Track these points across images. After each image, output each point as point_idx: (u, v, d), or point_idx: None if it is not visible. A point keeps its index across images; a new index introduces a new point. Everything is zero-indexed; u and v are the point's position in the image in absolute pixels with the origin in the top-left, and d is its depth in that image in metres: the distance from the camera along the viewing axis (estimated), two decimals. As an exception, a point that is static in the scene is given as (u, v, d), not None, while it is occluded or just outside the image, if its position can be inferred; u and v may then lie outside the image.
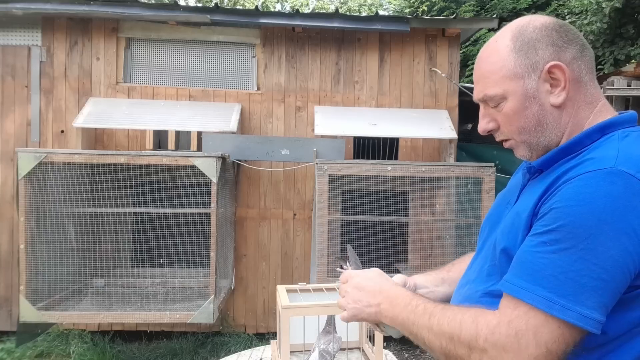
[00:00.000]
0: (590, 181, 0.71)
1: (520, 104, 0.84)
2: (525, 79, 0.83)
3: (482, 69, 0.89)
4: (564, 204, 0.72)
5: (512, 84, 0.84)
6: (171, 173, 3.63)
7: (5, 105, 3.82)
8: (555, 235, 0.71)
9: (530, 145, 0.87)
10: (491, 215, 1.01)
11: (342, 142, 3.50)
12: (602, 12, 5.40)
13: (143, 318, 3.05)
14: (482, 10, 7.92)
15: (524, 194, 0.89)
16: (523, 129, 0.86)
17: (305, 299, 1.63)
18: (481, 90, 0.89)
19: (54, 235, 3.13)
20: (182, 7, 3.76)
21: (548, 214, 0.74)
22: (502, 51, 0.85)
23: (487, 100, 0.88)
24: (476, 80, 0.91)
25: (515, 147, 0.90)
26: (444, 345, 0.79)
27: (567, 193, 0.73)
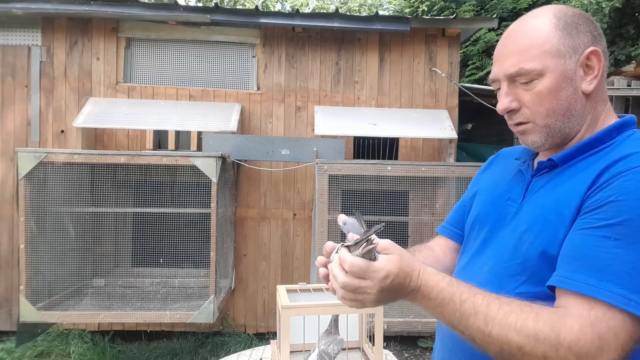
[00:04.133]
0: (636, 176, 0.70)
1: (557, 83, 0.81)
2: (566, 58, 0.81)
3: (519, 42, 0.83)
4: (626, 197, 0.69)
5: (553, 60, 0.81)
6: (171, 173, 3.63)
7: (5, 105, 3.82)
8: (621, 230, 0.68)
9: (551, 131, 0.84)
10: (488, 212, 0.95)
11: (342, 142, 3.50)
12: (602, 12, 5.40)
13: (143, 318, 3.05)
14: (482, 10, 7.91)
15: (543, 189, 0.85)
16: (553, 111, 0.82)
17: (305, 299, 1.63)
18: (516, 63, 0.82)
19: (54, 235, 3.13)
20: (182, 7, 3.76)
21: (604, 207, 0.71)
22: (545, 27, 0.82)
23: (522, 74, 0.82)
24: (507, 54, 0.84)
25: (530, 131, 0.86)
26: (505, 350, 0.69)
27: (626, 186, 0.70)
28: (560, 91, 0.81)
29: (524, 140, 0.88)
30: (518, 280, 0.81)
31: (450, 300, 0.73)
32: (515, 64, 0.82)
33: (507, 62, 0.84)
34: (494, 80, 0.88)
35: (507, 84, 0.85)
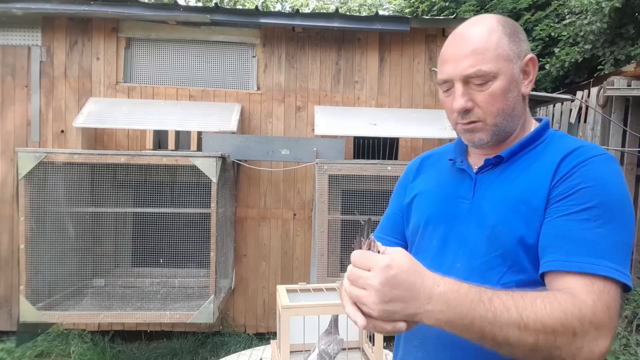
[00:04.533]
0: (604, 163, 0.82)
1: (507, 85, 0.88)
2: (513, 63, 0.88)
3: (473, 45, 0.87)
4: (593, 183, 0.79)
5: (504, 64, 0.87)
6: (171, 173, 3.63)
7: (5, 105, 3.82)
8: (597, 212, 0.77)
9: (497, 130, 0.91)
10: (440, 212, 0.96)
11: (342, 142, 3.50)
12: (602, 11, 5.40)
13: (143, 318, 3.05)
14: (482, 10, 7.91)
15: (496, 183, 0.91)
16: (502, 111, 0.89)
17: (305, 299, 1.63)
18: (473, 65, 0.86)
19: (54, 235, 3.13)
20: (182, 7, 3.76)
21: (576, 194, 0.79)
22: (496, 32, 0.89)
23: (479, 76, 0.87)
24: (462, 56, 0.87)
25: (478, 130, 0.91)
26: (540, 339, 0.69)
27: (589, 175, 0.80)
28: (508, 93, 0.88)
29: (471, 138, 0.93)
30: (500, 271, 0.84)
31: (479, 301, 0.69)
32: (472, 66, 0.87)
33: (463, 64, 0.87)
34: (445, 80, 0.91)
35: (462, 84, 0.89)
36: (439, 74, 0.93)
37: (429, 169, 1.09)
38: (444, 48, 0.94)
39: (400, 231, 1.08)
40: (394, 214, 1.10)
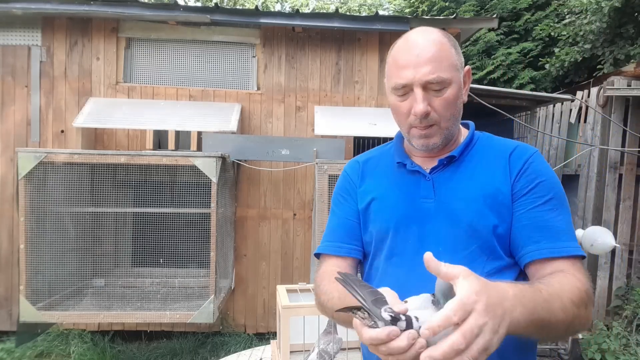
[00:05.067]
0: (542, 159, 0.97)
1: (457, 92, 0.96)
2: (459, 72, 0.96)
3: (432, 53, 0.92)
4: (546, 177, 0.94)
5: (455, 73, 0.95)
6: (171, 173, 3.63)
7: (5, 105, 3.82)
8: (555, 202, 0.92)
9: (448, 134, 0.98)
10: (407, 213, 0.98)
11: (342, 142, 3.50)
12: (601, 11, 5.40)
13: (143, 318, 3.05)
14: (482, 10, 7.91)
15: (454, 180, 0.97)
16: (453, 115, 0.97)
17: (305, 299, 1.64)
18: (433, 71, 0.91)
19: (54, 235, 3.13)
20: (182, 7, 3.76)
21: (538, 187, 0.93)
22: (445, 43, 0.95)
23: (438, 82, 0.92)
24: (421, 62, 0.92)
25: (433, 134, 0.96)
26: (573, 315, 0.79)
27: (539, 169, 0.95)
28: (458, 99, 0.96)
29: (426, 143, 0.97)
30: (482, 261, 0.91)
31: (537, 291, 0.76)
32: (432, 72, 0.91)
33: (423, 70, 0.91)
34: (404, 85, 0.94)
35: (422, 89, 0.92)
36: (396, 78, 0.95)
37: (373, 172, 1.09)
38: (396, 54, 0.97)
39: (357, 237, 1.06)
40: (347, 220, 1.07)
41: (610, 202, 4.34)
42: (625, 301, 4.19)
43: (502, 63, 6.99)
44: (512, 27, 7.48)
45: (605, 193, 4.34)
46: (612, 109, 4.28)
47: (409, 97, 0.95)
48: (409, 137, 1.00)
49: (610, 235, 3.36)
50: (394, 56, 0.98)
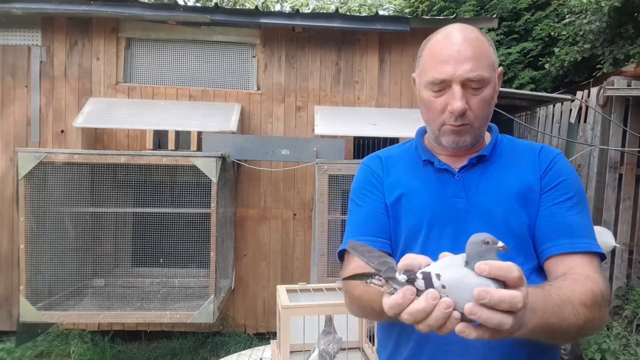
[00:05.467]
0: (566, 160, 0.98)
1: (493, 92, 0.94)
2: (495, 73, 0.95)
3: (474, 50, 0.90)
4: (569, 176, 0.94)
5: (492, 73, 0.93)
6: (171, 173, 3.63)
7: (5, 105, 3.82)
8: (576, 200, 0.93)
9: (479, 133, 0.96)
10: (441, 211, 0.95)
11: (342, 142, 3.50)
12: (601, 11, 5.40)
13: (143, 318, 3.05)
14: (482, 10, 7.91)
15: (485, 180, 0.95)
16: (486, 116, 0.95)
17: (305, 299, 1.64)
18: (474, 69, 0.89)
19: (54, 235, 3.13)
20: (182, 7, 3.76)
21: (560, 185, 0.93)
22: (485, 42, 0.93)
23: (478, 80, 0.89)
24: (463, 59, 0.89)
25: (466, 132, 0.94)
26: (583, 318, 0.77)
27: (563, 168, 0.95)
28: (492, 100, 0.94)
29: (457, 140, 0.94)
30: (519, 262, 0.85)
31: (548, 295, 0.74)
32: (473, 70, 0.89)
33: (465, 67, 0.89)
34: (442, 80, 0.90)
35: (460, 87, 0.90)
36: (434, 73, 0.91)
37: (397, 168, 1.05)
38: (435, 48, 0.93)
39: (388, 231, 1.00)
40: (377, 214, 1.01)
41: (610, 202, 4.34)
42: (625, 301, 4.19)
43: (502, 63, 6.99)
44: (512, 27, 7.48)
45: (605, 193, 4.34)
46: (612, 109, 4.28)
47: (445, 93, 0.92)
48: (439, 134, 0.96)
49: (610, 235, 3.36)
50: (431, 50, 0.94)
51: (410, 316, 0.60)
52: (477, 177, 0.96)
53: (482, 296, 0.57)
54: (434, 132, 0.98)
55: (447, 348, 0.90)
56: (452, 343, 0.89)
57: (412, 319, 0.61)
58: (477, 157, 0.97)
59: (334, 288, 1.74)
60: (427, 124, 1.01)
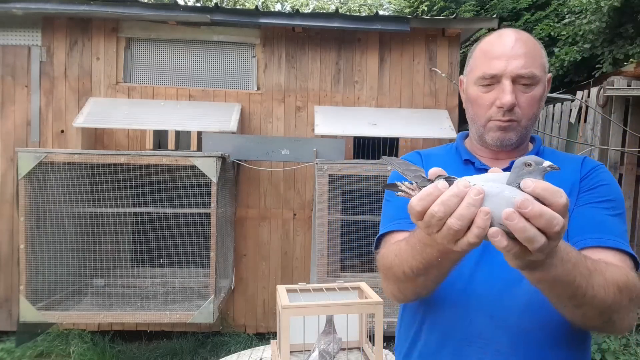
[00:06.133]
0: (608, 172, 0.99)
1: (542, 93, 0.94)
2: (546, 75, 0.95)
3: (528, 48, 0.91)
4: (609, 183, 0.95)
5: (543, 74, 0.94)
6: (171, 173, 3.63)
7: (5, 105, 3.82)
8: (614, 205, 0.93)
9: (525, 133, 0.96)
10: None
11: (342, 142, 3.50)
12: (600, 11, 5.40)
13: (143, 318, 3.05)
14: (482, 10, 7.91)
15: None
16: (534, 115, 0.95)
17: (305, 299, 1.63)
18: (528, 66, 0.90)
19: (54, 235, 3.13)
20: (182, 7, 3.76)
21: (599, 188, 0.94)
22: (537, 44, 0.94)
23: (529, 76, 0.90)
24: (515, 55, 0.90)
25: (512, 129, 0.94)
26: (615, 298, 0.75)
27: (605, 176, 0.96)
28: (541, 100, 0.94)
29: (502, 137, 0.94)
30: None
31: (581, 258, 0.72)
32: (526, 67, 0.90)
33: (516, 63, 0.90)
34: (493, 75, 0.91)
35: (510, 82, 0.90)
36: (486, 68, 0.92)
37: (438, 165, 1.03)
38: (488, 46, 0.95)
39: None
40: None
41: (610, 202, 4.34)
42: (625, 301, 4.19)
43: (502, 63, 6.97)
44: (512, 27, 7.47)
45: (605, 193, 4.34)
46: (612, 109, 4.28)
47: (494, 89, 0.92)
48: (484, 131, 0.96)
49: (610, 235, 3.36)
50: (483, 48, 0.96)
51: (442, 205, 0.58)
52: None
53: (525, 205, 0.54)
54: (479, 130, 0.98)
55: (471, 340, 0.90)
56: (476, 335, 0.89)
57: (444, 209, 0.58)
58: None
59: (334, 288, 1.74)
60: (473, 122, 1.00)
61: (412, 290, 0.87)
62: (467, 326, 0.90)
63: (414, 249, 0.77)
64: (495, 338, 0.88)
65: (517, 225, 0.55)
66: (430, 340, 0.95)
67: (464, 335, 0.91)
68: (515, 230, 0.55)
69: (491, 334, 0.88)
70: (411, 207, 0.61)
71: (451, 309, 0.92)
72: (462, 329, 0.91)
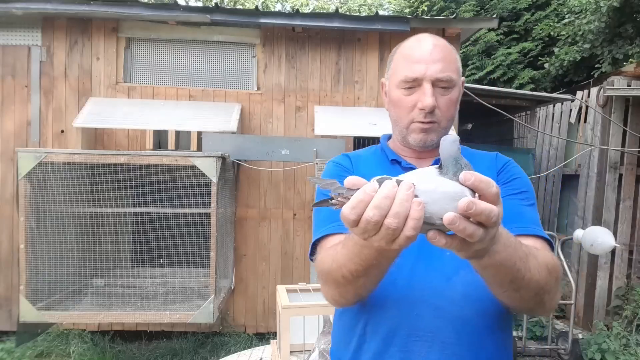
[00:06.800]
0: (517, 165, 1.06)
1: (458, 95, 1.01)
2: (460, 79, 1.01)
3: (444, 53, 0.97)
4: (521, 176, 1.02)
5: (458, 77, 1.00)
6: (171, 173, 3.63)
7: (5, 105, 3.82)
8: (527, 196, 1.00)
9: (445, 133, 1.01)
10: None
11: (342, 142, 3.50)
12: (600, 11, 5.41)
13: (143, 318, 3.05)
14: (482, 10, 7.91)
15: None
16: (452, 117, 1.01)
17: (305, 299, 1.64)
18: (446, 70, 0.96)
19: (54, 235, 3.13)
20: (182, 7, 3.76)
21: (514, 181, 1.00)
22: (453, 50, 1.00)
23: (447, 80, 0.96)
24: (433, 60, 0.95)
25: (433, 131, 0.99)
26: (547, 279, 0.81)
27: (517, 170, 1.04)
28: (457, 103, 1.01)
29: (425, 138, 1.00)
30: None
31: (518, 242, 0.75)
32: (443, 70, 0.95)
33: (435, 67, 0.95)
34: (415, 79, 0.96)
35: (430, 85, 0.95)
36: (407, 71, 0.97)
37: (367, 165, 1.09)
38: (408, 50, 1.00)
39: None
40: None
41: (610, 202, 4.34)
42: (625, 301, 4.19)
43: (502, 63, 6.99)
44: (512, 27, 7.48)
45: (605, 193, 4.34)
46: (612, 109, 4.28)
47: (415, 92, 0.97)
48: (407, 132, 1.01)
49: (610, 235, 3.36)
50: (403, 52, 1.00)
51: (376, 209, 0.58)
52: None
53: (469, 207, 0.56)
54: (402, 132, 1.03)
55: (419, 334, 0.90)
56: (423, 329, 0.90)
57: (379, 212, 0.58)
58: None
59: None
60: (395, 124, 1.05)
61: (353, 292, 0.87)
62: (414, 321, 0.91)
63: (352, 251, 0.76)
64: (440, 330, 0.89)
65: (459, 227, 0.57)
66: (376, 341, 0.94)
67: (410, 331, 0.91)
68: (457, 232, 0.58)
69: (437, 326, 0.90)
70: (344, 216, 0.60)
71: (396, 306, 0.92)
72: (408, 324, 0.91)
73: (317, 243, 0.99)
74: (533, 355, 3.86)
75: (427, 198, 0.59)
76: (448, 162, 0.62)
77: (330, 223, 0.97)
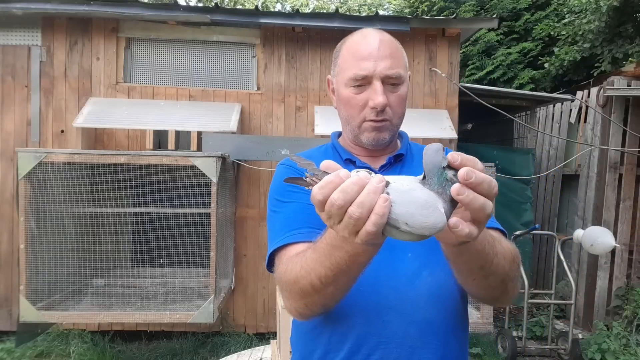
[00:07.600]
0: None
1: (407, 92, 0.99)
2: (407, 73, 0.99)
3: (390, 50, 0.94)
4: None
5: (406, 73, 0.98)
6: (171, 173, 3.63)
7: (5, 105, 3.82)
8: None
9: (396, 131, 1.01)
10: None
11: (342, 142, 3.49)
12: (600, 10, 5.41)
13: (143, 318, 3.05)
14: (482, 10, 7.91)
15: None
16: (402, 114, 1.00)
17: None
18: (394, 66, 0.93)
19: (54, 235, 3.13)
20: (182, 7, 3.76)
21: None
22: (399, 45, 0.98)
23: (396, 77, 0.94)
24: (381, 56, 0.93)
25: (386, 129, 0.97)
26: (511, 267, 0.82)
27: None
28: (406, 99, 1.00)
29: (377, 137, 0.97)
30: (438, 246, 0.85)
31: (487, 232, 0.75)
32: (392, 67, 0.93)
33: (384, 64, 0.92)
34: (364, 77, 0.93)
35: (380, 83, 0.93)
36: (356, 69, 0.93)
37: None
38: (354, 46, 0.96)
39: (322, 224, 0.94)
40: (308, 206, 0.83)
41: (610, 202, 4.34)
42: (625, 301, 4.19)
43: (502, 63, 6.99)
44: (512, 27, 7.48)
45: (605, 193, 4.34)
46: (612, 109, 4.28)
47: (365, 90, 0.94)
48: (359, 132, 0.98)
49: (610, 235, 3.36)
50: (350, 49, 0.96)
51: (342, 193, 0.57)
52: (397, 174, 0.98)
53: (469, 175, 0.57)
54: (354, 131, 1.00)
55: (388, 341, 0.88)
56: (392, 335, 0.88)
57: (343, 196, 0.57)
58: (395, 155, 1.02)
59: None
60: (347, 123, 1.01)
61: (320, 303, 0.83)
62: (382, 328, 0.89)
63: (322, 254, 0.74)
64: (408, 334, 0.88)
65: (469, 197, 0.57)
66: (344, 351, 0.91)
67: (380, 338, 0.89)
68: (468, 203, 0.57)
69: (404, 331, 0.89)
70: (313, 196, 0.60)
71: (362, 314, 0.89)
72: (377, 331, 0.89)
73: (275, 254, 0.93)
74: (533, 355, 3.86)
75: (397, 198, 0.57)
76: (432, 173, 0.60)
77: (288, 231, 0.92)
